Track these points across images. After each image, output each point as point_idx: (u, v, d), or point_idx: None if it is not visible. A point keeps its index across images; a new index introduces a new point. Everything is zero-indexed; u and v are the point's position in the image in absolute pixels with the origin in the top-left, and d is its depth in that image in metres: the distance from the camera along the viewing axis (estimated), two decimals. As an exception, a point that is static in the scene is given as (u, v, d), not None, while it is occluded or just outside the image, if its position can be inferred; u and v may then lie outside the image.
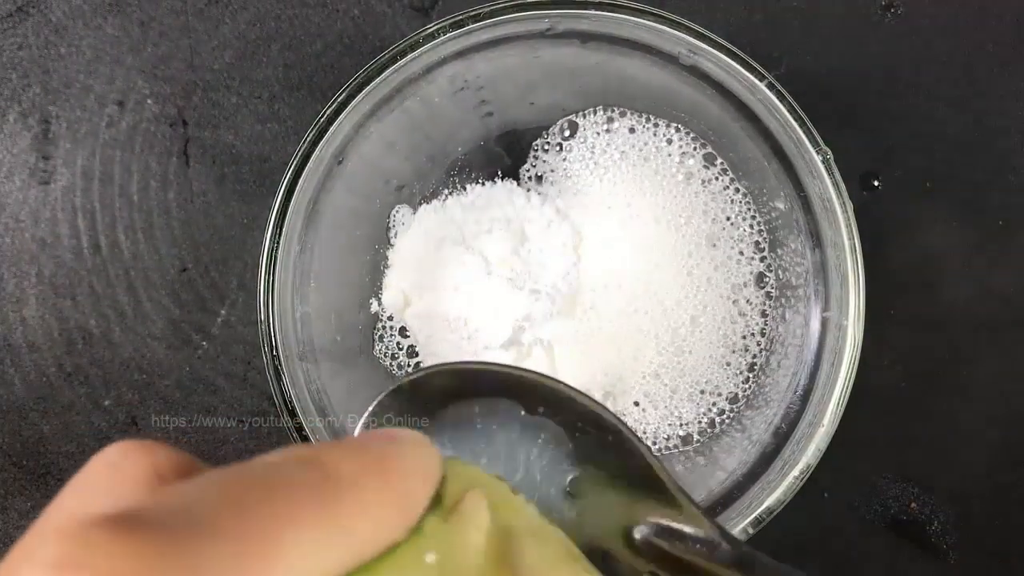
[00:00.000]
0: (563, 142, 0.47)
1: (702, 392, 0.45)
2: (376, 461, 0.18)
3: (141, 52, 0.50)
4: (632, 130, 0.46)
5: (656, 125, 0.46)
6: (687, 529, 0.28)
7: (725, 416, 0.45)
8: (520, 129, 0.48)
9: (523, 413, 0.28)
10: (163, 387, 0.50)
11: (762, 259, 0.45)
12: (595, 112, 0.47)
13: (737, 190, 0.45)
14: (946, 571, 0.48)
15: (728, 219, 0.46)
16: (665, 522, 0.28)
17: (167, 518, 0.14)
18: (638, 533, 0.28)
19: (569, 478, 0.28)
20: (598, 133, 0.47)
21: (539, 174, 0.47)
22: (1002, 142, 0.48)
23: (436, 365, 0.28)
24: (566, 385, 0.29)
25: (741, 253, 0.45)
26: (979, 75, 0.48)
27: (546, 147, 0.47)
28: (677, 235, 0.45)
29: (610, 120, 0.47)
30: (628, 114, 0.47)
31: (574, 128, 0.47)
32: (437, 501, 0.20)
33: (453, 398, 0.28)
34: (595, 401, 0.29)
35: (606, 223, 0.46)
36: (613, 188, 0.46)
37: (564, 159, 0.47)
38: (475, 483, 0.21)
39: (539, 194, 0.46)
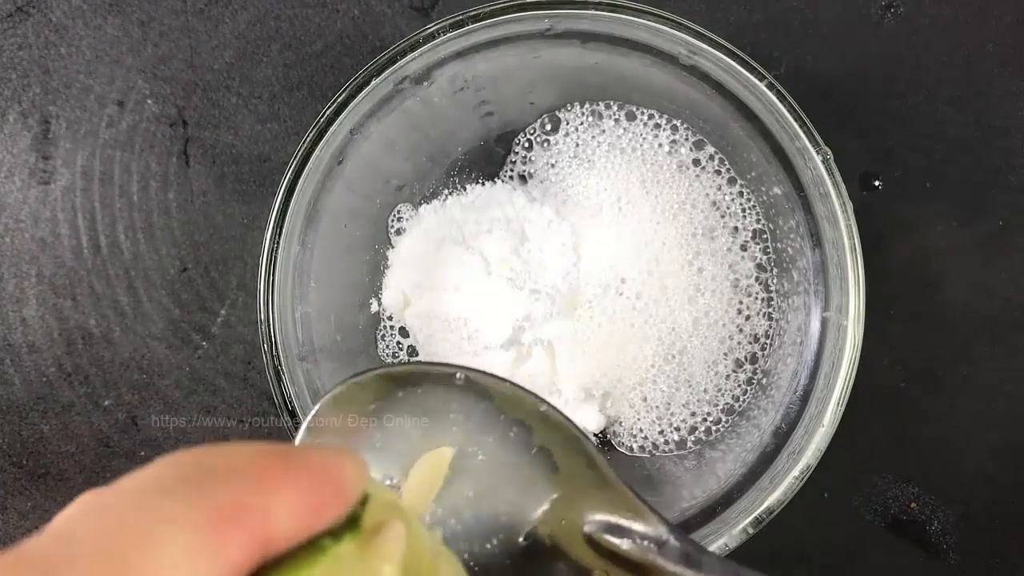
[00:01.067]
0: (547, 137, 0.47)
1: (698, 400, 0.45)
2: (294, 459, 0.19)
3: (141, 52, 0.50)
4: (617, 121, 0.46)
5: (650, 116, 0.46)
6: (635, 525, 0.28)
7: (725, 418, 0.45)
8: (520, 129, 0.48)
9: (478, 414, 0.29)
10: (163, 387, 0.50)
11: (763, 251, 0.45)
12: (579, 105, 0.47)
13: (733, 180, 0.45)
14: (946, 571, 0.48)
15: (726, 208, 0.45)
16: (614, 519, 0.28)
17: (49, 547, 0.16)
18: (588, 529, 0.28)
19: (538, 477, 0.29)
20: (583, 126, 0.47)
21: (521, 172, 0.47)
22: (1002, 142, 0.48)
23: (378, 367, 0.28)
24: (511, 383, 0.29)
25: (743, 248, 0.45)
26: (979, 75, 0.48)
27: (528, 144, 0.47)
28: (674, 226, 0.45)
29: (594, 113, 0.47)
30: (613, 105, 0.46)
31: (556, 123, 0.47)
32: (355, 523, 0.20)
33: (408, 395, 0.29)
34: (541, 398, 0.29)
35: (598, 219, 0.45)
36: (600, 182, 0.46)
37: (548, 153, 0.47)
38: (392, 512, 0.22)
39: (531, 193, 0.46)
